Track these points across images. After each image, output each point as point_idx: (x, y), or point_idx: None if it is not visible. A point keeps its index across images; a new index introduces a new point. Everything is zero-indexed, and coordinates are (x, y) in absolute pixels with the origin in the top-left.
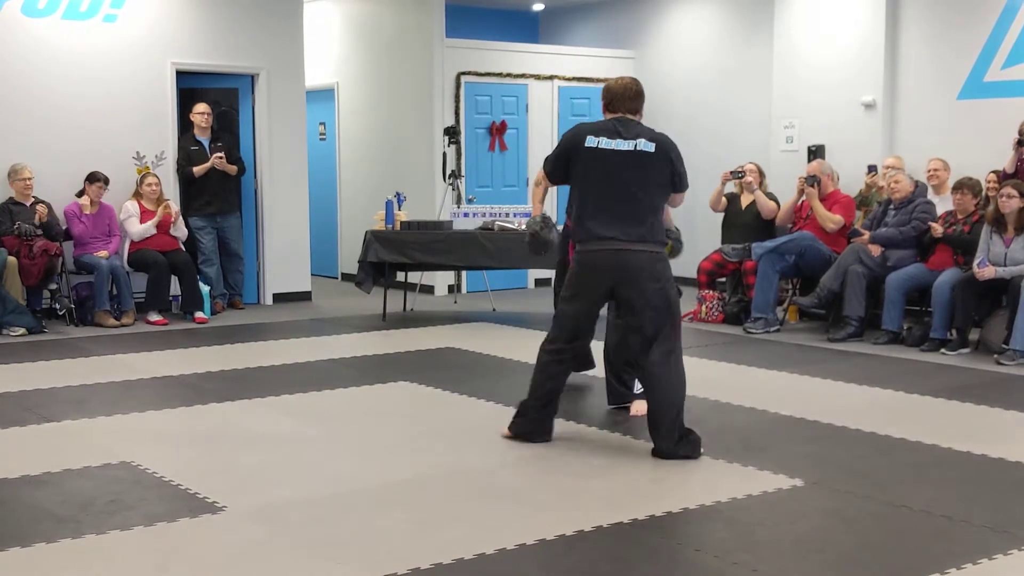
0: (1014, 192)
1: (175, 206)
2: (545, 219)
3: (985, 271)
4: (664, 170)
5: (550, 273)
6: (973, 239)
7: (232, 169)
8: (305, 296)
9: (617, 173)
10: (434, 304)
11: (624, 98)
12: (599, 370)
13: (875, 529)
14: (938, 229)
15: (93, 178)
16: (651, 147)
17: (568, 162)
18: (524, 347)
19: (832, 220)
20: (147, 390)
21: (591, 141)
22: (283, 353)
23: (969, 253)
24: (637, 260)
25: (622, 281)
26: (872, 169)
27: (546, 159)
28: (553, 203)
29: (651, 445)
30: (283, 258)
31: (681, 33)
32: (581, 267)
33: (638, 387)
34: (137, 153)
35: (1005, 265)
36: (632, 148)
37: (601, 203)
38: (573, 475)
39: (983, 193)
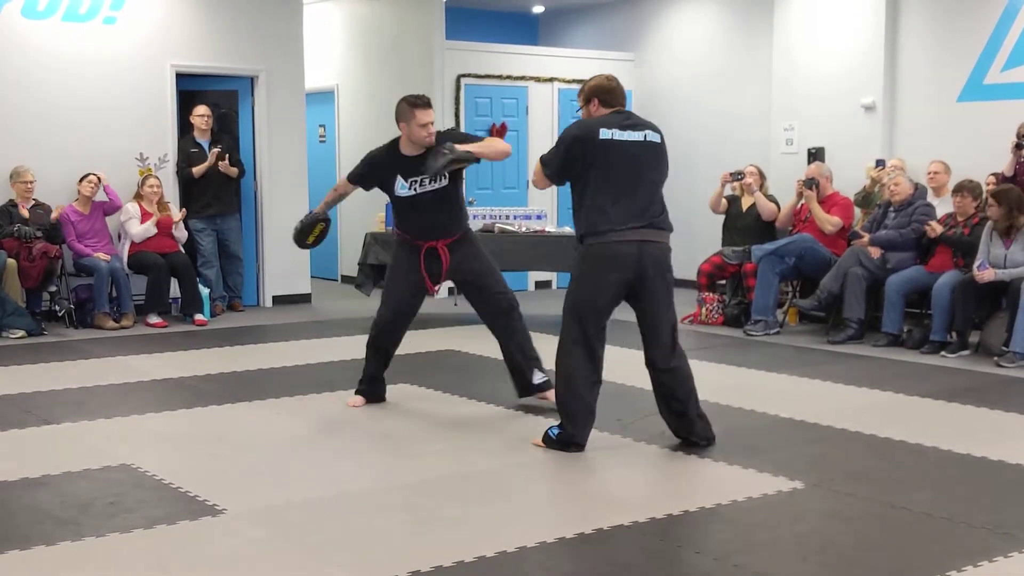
0: (992, 201)
1: (177, 211)
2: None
3: (985, 274)
4: (666, 161)
5: (551, 275)
6: (973, 241)
7: (232, 171)
8: (305, 298)
9: (636, 163)
10: (434, 306)
11: (617, 93)
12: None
13: (875, 531)
14: (937, 228)
15: (81, 178)
16: (657, 137)
17: (579, 158)
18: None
19: (830, 222)
20: (147, 392)
21: (605, 133)
22: (283, 355)
23: (968, 255)
24: (660, 251)
25: (646, 274)
26: (880, 163)
27: (547, 160)
28: (554, 203)
29: (652, 446)
30: (283, 260)
31: (680, 35)
32: (603, 257)
33: (538, 376)
34: (140, 154)
35: (1005, 267)
36: (643, 139)
37: (624, 193)
38: (573, 477)
39: (983, 196)
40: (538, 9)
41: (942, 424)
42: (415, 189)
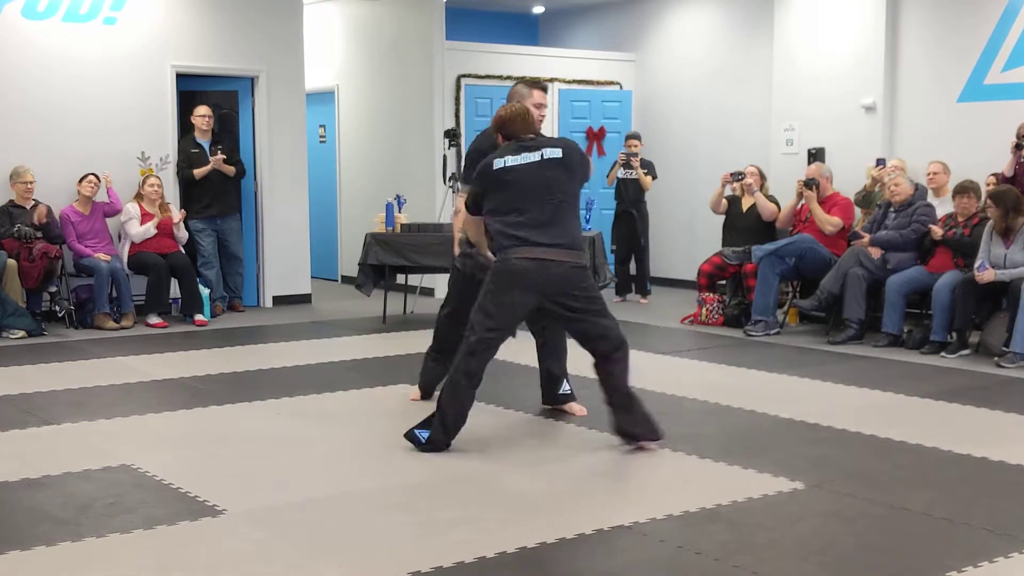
0: (990, 203)
1: (177, 212)
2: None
3: (985, 274)
4: (572, 172)
5: None
6: (973, 242)
7: (230, 170)
8: (305, 299)
9: (533, 184)
10: (434, 307)
11: (517, 123)
12: (591, 373)
13: (875, 531)
14: (937, 231)
15: (81, 179)
16: (558, 152)
17: (484, 191)
18: (523, 350)
19: (830, 223)
20: (147, 393)
21: (498, 163)
22: (283, 356)
23: (969, 256)
24: (562, 271)
25: (551, 292)
26: (881, 163)
27: (467, 202)
28: None
29: (652, 447)
30: (283, 261)
31: (681, 36)
32: (505, 274)
33: (566, 387)
34: (142, 153)
35: (1005, 267)
36: (539, 158)
37: (525, 214)
38: (573, 478)
39: (984, 197)
40: (538, 9)
41: (942, 425)
42: None
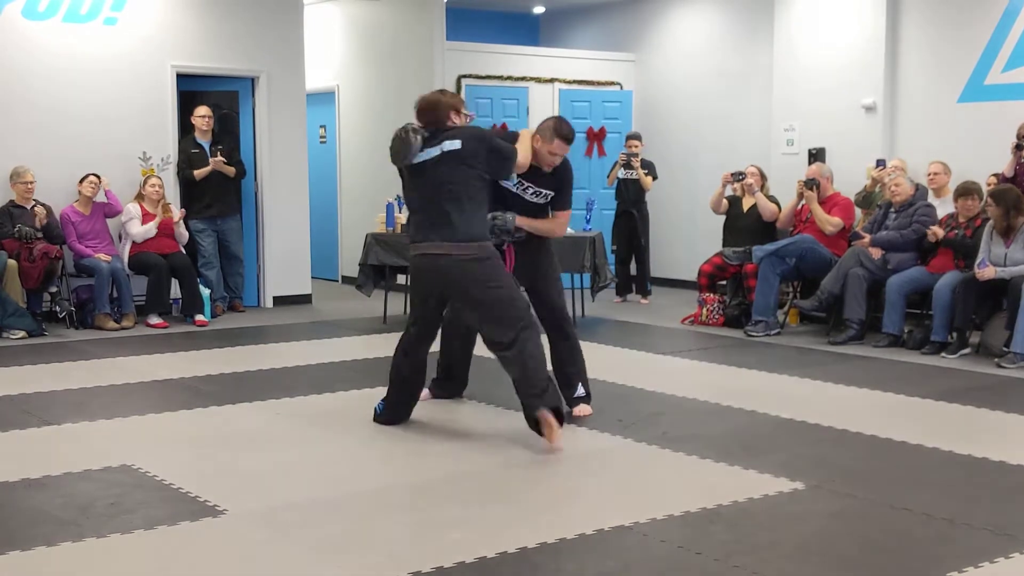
0: (991, 201)
1: (177, 211)
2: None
3: (985, 271)
4: (470, 162)
5: None
6: (974, 244)
7: (231, 171)
8: (305, 299)
9: (434, 179)
10: None
11: (429, 111)
12: (591, 372)
13: (876, 532)
14: (938, 232)
15: (82, 179)
16: (456, 144)
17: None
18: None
19: (831, 223)
20: (147, 393)
21: (419, 158)
22: (283, 356)
23: (970, 257)
24: (453, 263)
25: (446, 288)
26: (881, 163)
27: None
28: None
29: (652, 447)
30: (283, 261)
31: (682, 36)
32: (413, 270)
33: (580, 391)
34: (143, 153)
35: (1005, 266)
36: (439, 153)
37: (423, 209)
38: (573, 478)
39: (985, 197)
40: (539, 10)
41: (943, 425)
42: (518, 189)
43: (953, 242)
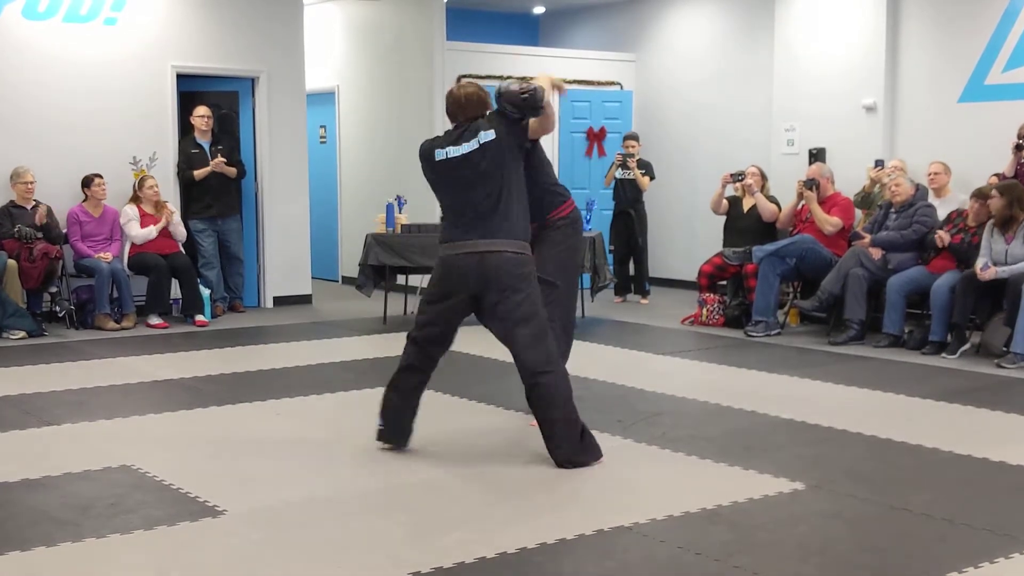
0: (995, 192)
1: (171, 207)
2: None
3: (987, 273)
4: (513, 141)
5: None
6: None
7: (231, 171)
8: (305, 299)
9: (470, 175)
10: None
11: (459, 105)
12: (591, 373)
13: (876, 532)
14: (944, 238)
15: (89, 180)
16: (491, 135)
17: (430, 179)
18: None
19: (830, 223)
20: (147, 393)
21: (440, 155)
22: (283, 356)
23: (970, 261)
24: (500, 261)
25: (485, 287)
26: (879, 164)
27: None
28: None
29: (652, 447)
30: (283, 261)
31: (682, 36)
32: (443, 269)
33: None
34: (134, 158)
35: (1006, 263)
36: (477, 145)
37: (461, 206)
38: (573, 478)
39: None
40: (539, 10)
41: (943, 425)
42: None
43: (958, 250)
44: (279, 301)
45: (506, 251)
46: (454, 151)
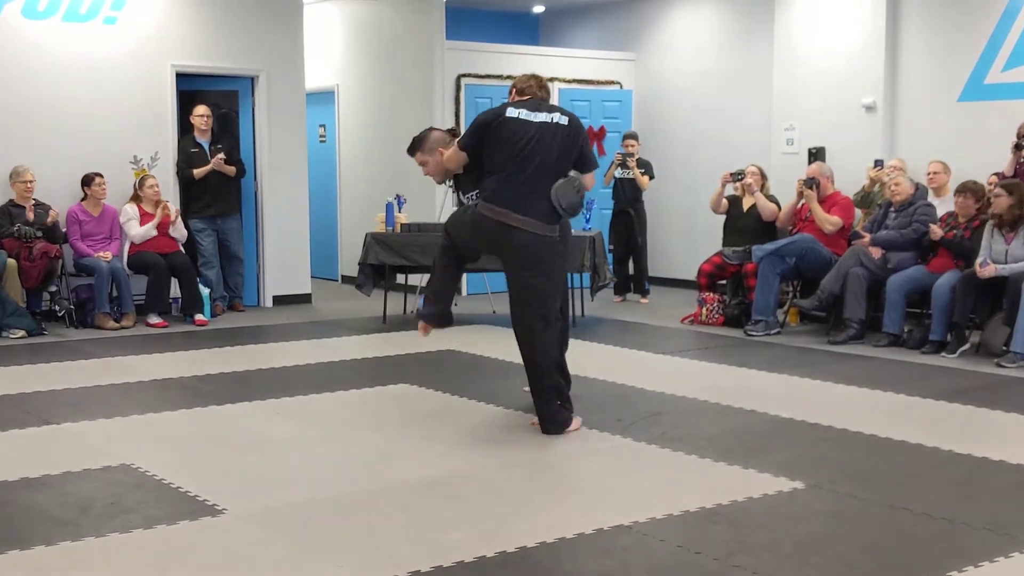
0: (1001, 191)
1: (173, 207)
2: None
3: (986, 270)
4: (571, 143)
5: None
6: (973, 246)
7: (231, 171)
8: (305, 299)
9: (534, 143)
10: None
11: (533, 87)
12: (591, 372)
13: (876, 531)
14: (937, 232)
15: (89, 179)
16: (564, 120)
17: (486, 134)
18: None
19: (830, 222)
20: (147, 392)
21: (512, 112)
22: (283, 355)
23: (968, 259)
24: (527, 239)
25: (501, 255)
26: (879, 164)
27: (463, 140)
28: None
29: (651, 446)
30: (283, 260)
31: (681, 35)
32: (475, 223)
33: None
34: (134, 157)
35: (1006, 263)
36: (549, 120)
37: (511, 172)
38: (572, 478)
39: (985, 197)
40: (538, 9)
41: (943, 424)
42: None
43: (951, 243)
44: (279, 300)
45: (536, 232)
46: (528, 115)
